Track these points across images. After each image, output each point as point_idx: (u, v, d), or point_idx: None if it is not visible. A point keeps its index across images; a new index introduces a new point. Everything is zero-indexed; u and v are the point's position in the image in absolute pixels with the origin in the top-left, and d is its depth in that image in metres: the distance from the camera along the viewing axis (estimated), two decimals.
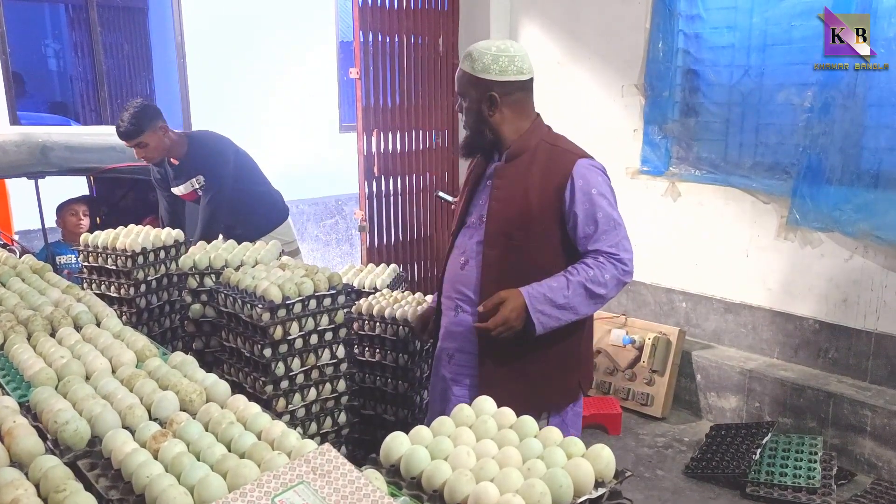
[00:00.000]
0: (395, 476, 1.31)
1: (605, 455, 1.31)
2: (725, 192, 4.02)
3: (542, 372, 2.12)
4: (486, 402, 1.52)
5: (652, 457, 3.73)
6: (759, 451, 3.44)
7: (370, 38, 4.57)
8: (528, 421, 1.45)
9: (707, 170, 4.10)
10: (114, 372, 1.70)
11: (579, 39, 4.51)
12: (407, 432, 1.41)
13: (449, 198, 3.34)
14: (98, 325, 2.02)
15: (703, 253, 4.19)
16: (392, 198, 4.89)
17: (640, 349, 4.18)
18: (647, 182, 4.32)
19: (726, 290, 4.13)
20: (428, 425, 1.44)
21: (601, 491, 1.28)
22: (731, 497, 3.33)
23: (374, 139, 4.68)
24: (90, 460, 1.34)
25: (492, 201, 2.10)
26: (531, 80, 2.10)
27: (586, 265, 2.00)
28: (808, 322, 3.81)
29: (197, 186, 3.55)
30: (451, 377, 2.22)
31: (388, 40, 4.67)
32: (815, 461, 3.33)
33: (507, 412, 1.49)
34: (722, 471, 3.40)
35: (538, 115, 2.16)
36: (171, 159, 3.55)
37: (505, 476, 1.23)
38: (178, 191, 3.62)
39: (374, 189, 4.77)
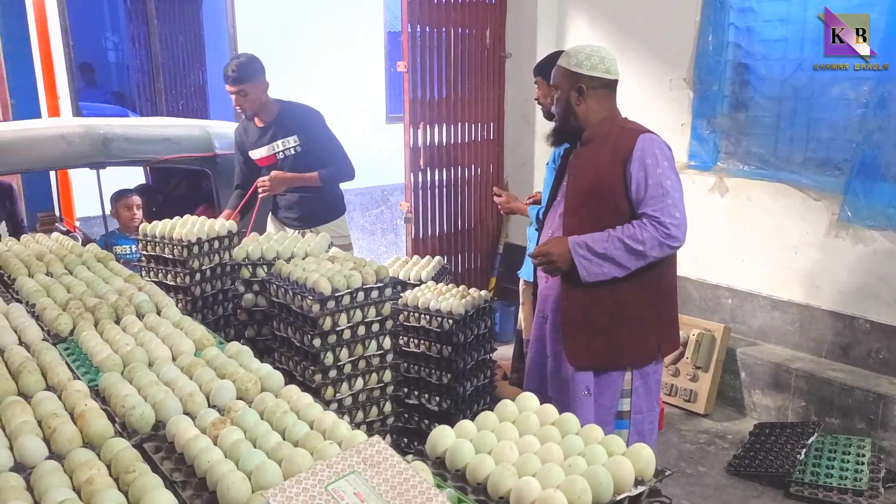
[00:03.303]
0: (441, 468, 1.36)
1: (645, 454, 1.34)
2: (774, 187, 3.96)
3: (620, 329, 2.38)
4: (529, 399, 1.56)
5: (694, 453, 3.72)
6: (804, 450, 3.41)
7: (418, 31, 4.61)
8: (570, 418, 1.49)
9: (756, 165, 4.04)
10: (174, 360, 1.79)
11: (627, 32, 4.48)
12: (449, 422, 1.47)
13: None
14: (158, 313, 2.12)
15: (751, 249, 4.14)
16: (437, 190, 4.94)
17: (685, 345, 4.16)
18: (694, 177, 4.28)
19: (773, 288, 4.07)
20: (525, 386, 1.59)
21: (641, 489, 1.31)
22: (774, 496, 3.31)
23: (420, 131, 4.72)
24: (155, 443, 1.43)
25: (570, 178, 2.44)
26: (616, 81, 2.41)
27: (630, 224, 2.27)
28: (858, 322, 3.74)
29: (280, 149, 3.65)
30: (547, 335, 2.54)
31: (435, 33, 4.70)
32: (863, 463, 3.28)
33: (550, 409, 1.53)
34: (765, 469, 3.38)
35: (617, 110, 2.45)
36: (257, 120, 3.67)
37: (546, 471, 1.27)
38: (255, 153, 3.72)
39: (420, 181, 4.82)
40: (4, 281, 2.46)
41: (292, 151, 3.64)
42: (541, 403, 1.57)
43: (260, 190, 3.57)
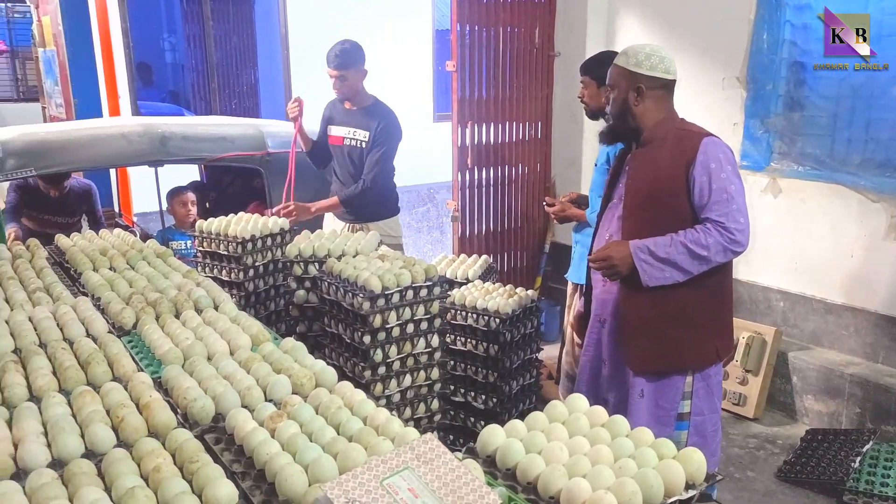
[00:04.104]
0: (491, 466, 1.39)
1: (696, 458, 1.34)
2: (830, 189, 3.87)
3: (681, 333, 2.37)
4: (578, 400, 1.57)
5: (743, 457, 3.67)
6: (858, 458, 3.33)
7: (467, 30, 4.63)
8: (620, 420, 1.50)
9: (811, 166, 3.95)
10: (232, 354, 1.85)
11: (679, 30, 4.42)
12: (495, 421, 1.49)
13: None
14: (216, 308, 2.19)
15: (804, 252, 4.05)
16: (484, 188, 4.96)
17: (734, 348, 4.10)
18: (746, 177, 4.14)
19: (828, 291, 3.98)
20: (576, 388, 1.59)
21: (691, 493, 1.31)
22: None
23: (468, 130, 4.74)
24: (215, 435, 1.48)
25: (628, 180, 2.41)
26: (674, 81, 2.39)
27: (694, 229, 2.26)
28: None
29: (351, 135, 3.76)
30: (604, 340, 2.52)
31: (484, 32, 4.71)
32: None
33: (599, 411, 1.53)
34: (817, 476, 3.31)
35: (674, 110, 2.43)
36: (348, 104, 3.78)
37: (597, 473, 1.28)
38: (333, 130, 3.85)
39: (467, 179, 4.84)
40: (71, 275, 2.57)
41: (358, 144, 3.73)
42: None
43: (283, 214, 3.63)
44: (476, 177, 4.88)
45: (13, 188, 4.30)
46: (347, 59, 3.63)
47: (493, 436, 1.42)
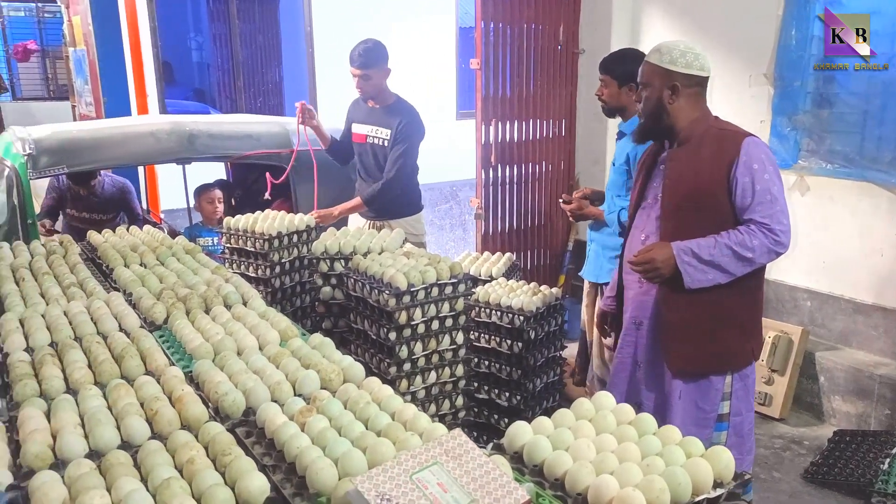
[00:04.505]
0: (519, 463, 1.40)
1: (724, 457, 1.34)
2: (860, 187, 3.82)
3: (721, 334, 2.35)
4: (605, 398, 1.58)
5: (768, 458, 3.63)
6: (888, 460, 3.28)
7: (491, 28, 4.63)
8: (647, 418, 1.50)
9: (840, 163, 3.90)
10: (261, 349, 1.88)
11: (704, 27, 4.38)
12: (518, 418, 1.50)
13: None
14: (244, 304, 2.22)
15: (832, 250, 4.00)
16: (508, 186, 4.95)
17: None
18: None
19: (856, 290, 3.93)
20: (611, 391, 1.69)
21: (720, 491, 1.31)
22: None
23: (492, 128, 4.74)
24: (246, 428, 1.51)
25: (666, 180, 2.36)
26: (707, 78, 2.36)
27: (738, 231, 2.23)
28: None
29: (373, 133, 3.79)
30: (640, 343, 2.49)
31: (509, 30, 4.71)
32: None
33: (627, 409, 1.54)
34: (845, 478, 3.28)
35: (707, 108, 2.39)
36: (371, 102, 3.80)
37: (624, 470, 1.29)
38: (357, 127, 3.87)
39: (491, 177, 4.84)
40: (103, 270, 2.62)
41: (380, 142, 3.75)
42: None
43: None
44: (500, 174, 4.88)
45: (49, 190, 4.41)
46: (370, 59, 3.64)
47: (520, 432, 1.43)
